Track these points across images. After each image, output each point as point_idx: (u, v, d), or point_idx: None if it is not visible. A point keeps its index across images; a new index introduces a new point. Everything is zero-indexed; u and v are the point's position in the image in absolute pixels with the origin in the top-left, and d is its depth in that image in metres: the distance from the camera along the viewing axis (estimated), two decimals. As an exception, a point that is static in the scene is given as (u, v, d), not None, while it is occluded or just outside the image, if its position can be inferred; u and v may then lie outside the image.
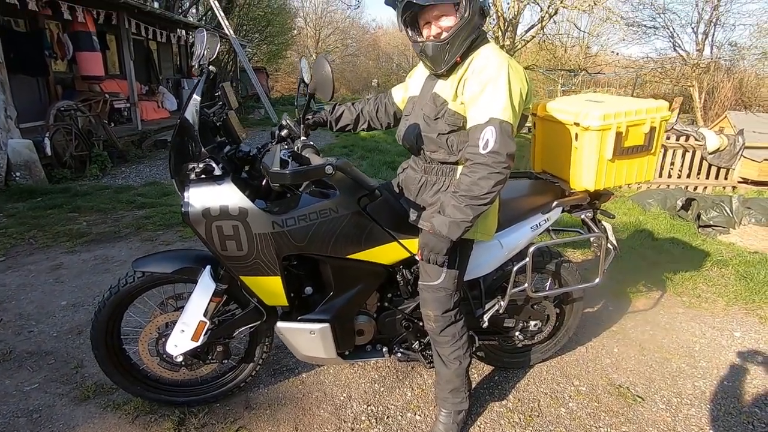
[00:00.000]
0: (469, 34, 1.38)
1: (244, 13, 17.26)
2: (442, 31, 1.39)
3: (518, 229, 1.76)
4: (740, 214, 4.72)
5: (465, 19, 1.35)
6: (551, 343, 2.17)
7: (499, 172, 1.32)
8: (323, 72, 1.35)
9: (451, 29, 1.38)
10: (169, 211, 4.42)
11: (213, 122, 1.52)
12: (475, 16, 1.37)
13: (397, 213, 1.65)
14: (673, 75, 14.85)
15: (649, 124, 1.64)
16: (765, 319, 2.86)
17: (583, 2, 10.26)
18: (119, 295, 1.64)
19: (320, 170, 1.25)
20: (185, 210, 1.39)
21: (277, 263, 1.46)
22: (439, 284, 1.58)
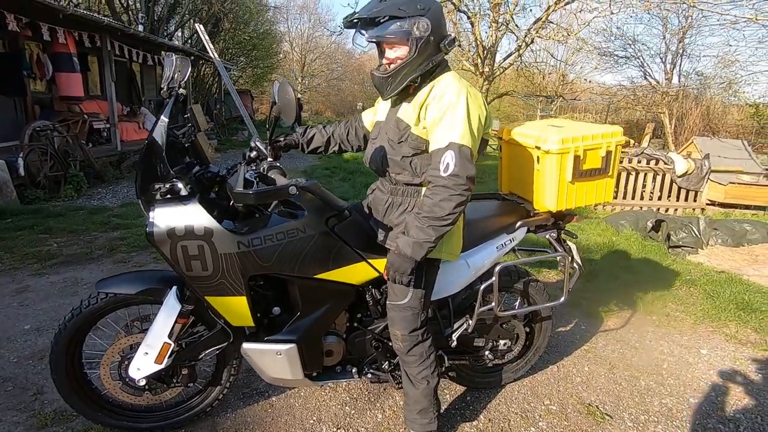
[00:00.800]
0: (416, 68, 1.45)
1: (230, 37, 17.50)
2: (390, 63, 1.47)
3: (484, 248, 1.80)
4: (707, 234, 4.89)
5: (411, 57, 1.42)
6: (522, 362, 2.19)
7: (460, 194, 1.36)
8: (287, 97, 1.40)
9: (396, 63, 1.45)
10: (144, 232, 4.35)
11: (182, 143, 1.54)
12: (426, 52, 1.43)
13: (365, 233, 1.67)
14: (645, 102, 15.52)
15: (605, 148, 1.72)
16: (730, 336, 2.94)
17: (558, 33, 10.74)
18: (81, 317, 1.61)
19: (284, 191, 1.27)
20: (150, 230, 1.40)
21: (243, 283, 1.46)
22: (406, 303, 1.60)
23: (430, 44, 1.44)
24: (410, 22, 1.40)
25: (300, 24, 33.54)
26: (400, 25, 1.41)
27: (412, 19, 1.40)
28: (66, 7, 6.20)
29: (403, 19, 1.40)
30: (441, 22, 1.45)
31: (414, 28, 1.41)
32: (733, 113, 16.56)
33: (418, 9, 1.40)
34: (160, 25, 13.69)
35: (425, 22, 1.41)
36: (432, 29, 1.42)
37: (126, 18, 13.47)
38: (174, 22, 15.38)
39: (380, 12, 1.41)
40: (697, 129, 14.42)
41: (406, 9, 1.40)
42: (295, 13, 32.39)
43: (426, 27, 1.41)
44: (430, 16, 1.41)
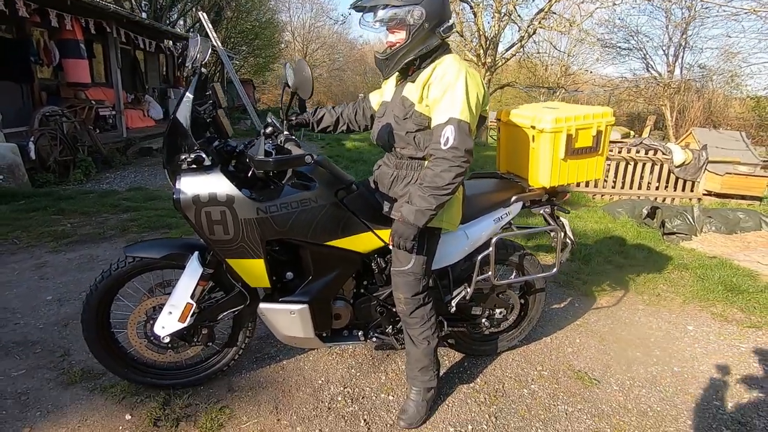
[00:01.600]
0: (411, 52, 1.58)
1: (232, 26, 17.52)
2: (390, 46, 1.61)
3: (482, 221, 1.93)
4: (701, 222, 5.02)
5: (406, 42, 1.56)
6: (517, 332, 2.33)
7: (459, 165, 1.49)
8: (304, 73, 1.53)
9: (395, 46, 1.58)
10: (154, 214, 4.50)
11: (203, 119, 1.66)
12: (420, 37, 1.56)
13: (372, 205, 1.81)
14: (647, 94, 15.56)
15: (596, 128, 1.85)
16: (716, 315, 3.08)
17: (560, 24, 10.77)
18: (111, 279, 1.75)
19: (300, 159, 1.40)
20: (177, 197, 1.53)
21: (261, 247, 1.60)
22: (409, 269, 1.73)
23: (425, 30, 1.56)
24: (405, 10, 1.53)
25: (302, 13, 33.51)
26: (396, 13, 1.54)
27: (406, 7, 1.53)
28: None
29: (399, 7, 1.53)
30: (437, 10, 1.56)
31: (408, 16, 1.54)
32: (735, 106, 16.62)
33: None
34: (162, 12, 13.74)
35: (419, 11, 1.53)
36: (426, 17, 1.54)
37: (129, 5, 13.50)
38: (176, 10, 15.40)
39: (378, 0, 1.54)
40: (698, 121, 14.49)
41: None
42: (297, 2, 32.28)
43: (420, 15, 1.53)
44: (424, 5, 1.53)
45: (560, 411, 1.99)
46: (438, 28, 1.57)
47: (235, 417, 1.84)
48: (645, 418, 1.99)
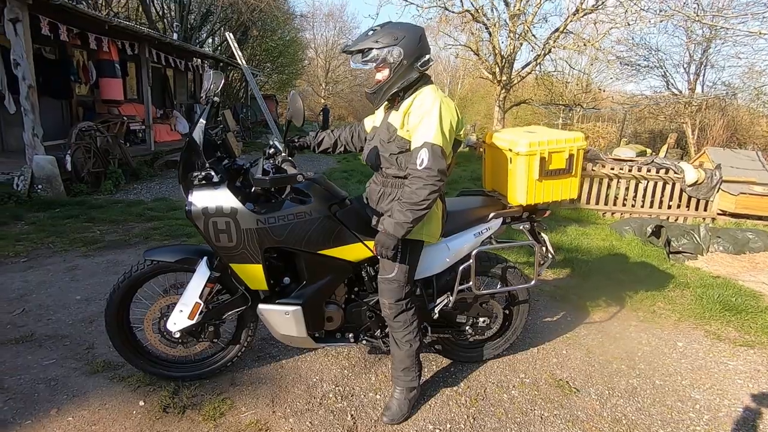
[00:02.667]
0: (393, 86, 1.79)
1: (258, 44, 18.29)
2: (377, 82, 1.82)
3: (463, 235, 2.11)
4: (708, 241, 5.02)
5: (389, 78, 1.78)
6: (501, 340, 2.47)
7: (432, 183, 1.69)
8: (296, 105, 1.77)
9: (380, 82, 1.81)
10: (175, 223, 4.82)
11: (214, 141, 1.91)
12: (400, 73, 1.77)
13: (362, 218, 2.01)
14: (668, 112, 15.39)
15: (568, 152, 2.01)
16: (710, 332, 3.13)
17: (576, 44, 10.89)
18: (131, 279, 2.00)
19: (293, 178, 1.63)
20: (188, 208, 1.77)
21: (260, 253, 1.82)
22: (393, 277, 1.92)
23: (404, 67, 1.78)
24: (385, 51, 1.76)
25: (326, 31, 34.50)
26: (377, 54, 1.77)
27: (386, 49, 1.75)
28: (111, 19, 6.81)
29: (379, 49, 1.76)
30: (414, 47, 1.77)
31: (388, 55, 1.76)
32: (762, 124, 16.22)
33: (393, 40, 1.75)
34: (192, 33, 14.51)
35: (398, 50, 1.75)
36: (404, 55, 1.76)
37: (161, 26, 14.33)
38: (206, 30, 16.22)
39: (363, 45, 1.78)
40: (721, 140, 14.22)
41: (383, 41, 1.76)
42: (321, 20, 33.38)
43: (399, 54, 1.76)
44: (402, 45, 1.75)
45: (536, 415, 2.12)
46: (416, 63, 1.79)
47: (235, 407, 2.04)
48: (618, 425, 2.09)
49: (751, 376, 2.62)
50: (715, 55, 14.65)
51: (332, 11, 34.77)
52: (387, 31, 1.76)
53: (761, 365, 2.74)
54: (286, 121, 1.92)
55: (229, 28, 15.15)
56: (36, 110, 5.73)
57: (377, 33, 1.76)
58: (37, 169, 5.57)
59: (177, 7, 13.87)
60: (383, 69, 1.79)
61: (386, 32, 1.76)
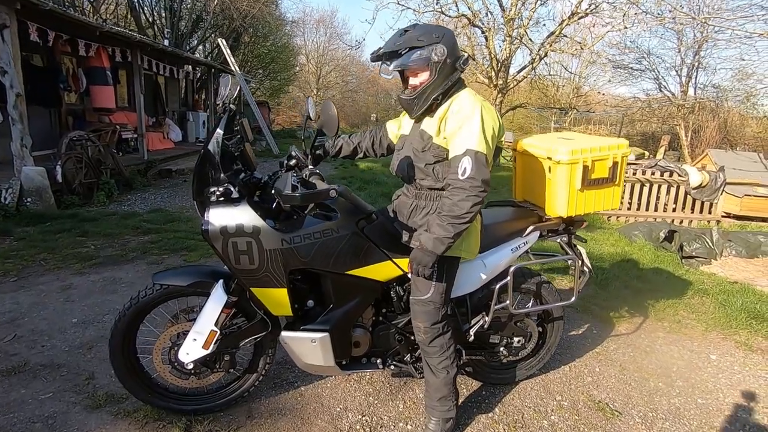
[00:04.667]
0: (437, 88, 1.64)
1: (249, 51, 18.09)
2: (415, 87, 1.66)
3: (500, 250, 1.96)
4: (721, 246, 4.94)
5: (432, 80, 1.63)
6: (535, 360, 2.32)
7: (476, 195, 1.53)
8: (330, 113, 1.60)
9: (420, 86, 1.64)
10: (174, 236, 4.60)
11: (231, 152, 1.74)
12: (444, 73, 1.63)
13: (391, 234, 1.85)
14: (660, 114, 15.50)
15: (612, 159, 1.88)
16: (740, 343, 3.01)
17: (571, 47, 10.89)
18: (139, 305, 1.81)
19: (325, 193, 1.46)
20: (205, 228, 1.59)
21: (285, 276, 1.65)
22: (428, 298, 1.76)
23: (447, 66, 1.63)
24: (428, 49, 1.61)
25: (316, 37, 34.37)
26: (420, 53, 1.61)
27: (429, 47, 1.60)
28: (103, 25, 6.60)
29: (422, 48, 1.61)
30: (454, 45, 1.64)
31: (432, 54, 1.61)
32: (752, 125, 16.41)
33: (434, 38, 1.61)
34: (183, 39, 14.26)
35: (441, 48, 1.60)
36: (448, 53, 1.61)
37: (151, 33, 14.07)
38: (197, 36, 15.99)
39: (402, 45, 1.62)
40: (714, 141, 14.33)
41: (424, 39, 1.60)
42: (312, 26, 33.24)
43: (443, 52, 1.61)
44: (445, 42, 1.61)
45: (581, 444, 1.96)
46: (457, 62, 1.65)
47: (255, 444, 1.86)
48: (669, 453, 1.94)
49: (793, 390, 2.50)
50: (707, 57, 14.79)
51: (323, 17, 34.51)
52: (423, 30, 1.62)
53: (800, 378, 2.62)
54: (316, 130, 1.75)
55: (220, 34, 14.92)
56: (24, 119, 5.48)
57: (412, 33, 1.61)
58: (26, 181, 5.32)
59: (167, 13, 13.64)
60: (421, 72, 1.64)
61: (422, 31, 1.61)
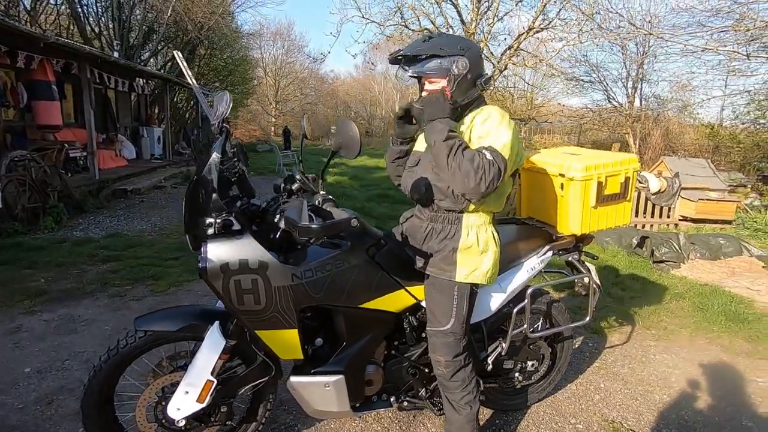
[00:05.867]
0: (460, 98, 1.55)
1: (205, 63, 17.48)
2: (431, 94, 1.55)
3: (516, 271, 1.86)
4: (687, 249, 5.16)
5: (454, 86, 1.53)
6: (545, 382, 2.24)
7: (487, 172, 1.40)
8: (351, 133, 1.45)
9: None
10: (136, 263, 4.22)
11: (227, 178, 1.55)
12: (463, 87, 1.54)
13: (403, 261, 1.71)
14: (610, 123, 16.38)
15: (624, 175, 1.85)
16: (725, 347, 3.10)
17: (530, 60, 11.31)
18: (118, 357, 1.56)
19: (346, 223, 1.30)
20: (203, 265, 1.38)
21: (295, 315, 1.46)
22: (449, 329, 1.63)
23: (467, 81, 1.54)
24: (450, 60, 1.51)
25: (273, 50, 33.95)
26: (441, 62, 1.52)
27: (451, 57, 1.51)
28: (48, 35, 6.08)
29: (443, 57, 1.51)
30: (479, 62, 1.55)
31: (453, 66, 1.51)
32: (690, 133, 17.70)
33: (458, 49, 1.51)
34: (134, 51, 13.55)
35: (464, 62, 1.51)
36: (470, 68, 1.52)
37: (98, 44, 13.27)
38: (149, 48, 15.26)
39: (423, 50, 1.51)
40: (660, 148, 15.29)
41: (447, 49, 1.50)
42: (269, 39, 32.80)
43: (464, 66, 1.51)
44: (469, 56, 1.51)
45: (606, 470, 1.88)
46: (479, 79, 1.55)
47: (260, 506, 1.64)
48: (692, 472, 1.90)
49: (785, 392, 2.56)
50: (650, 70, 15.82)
51: (280, 30, 34.12)
52: (447, 40, 1.52)
53: (787, 379, 2.71)
54: (331, 152, 1.59)
55: (174, 46, 14.33)
56: (-44, 139, 4.90)
57: (437, 40, 1.52)
58: (-41, 208, 4.73)
59: (116, 24, 12.92)
60: (439, 80, 1.53)
61: (447, 41, 1.52)
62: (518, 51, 11.42)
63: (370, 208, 7.31)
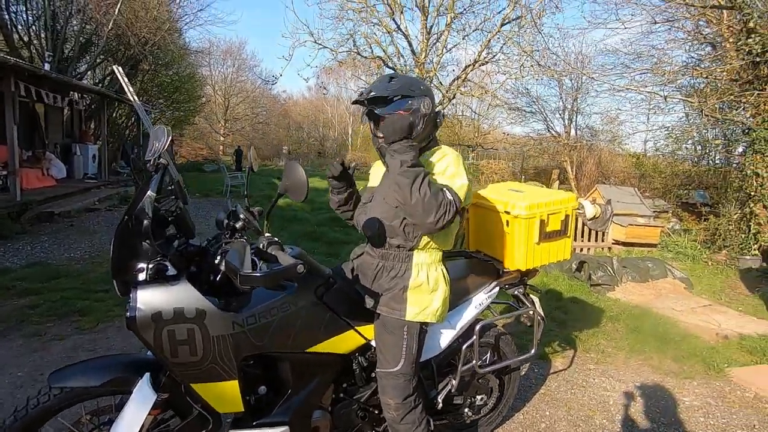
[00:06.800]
0: (422, 141, 1.59)
1: (149, 79, 16.75)
2: None
3: (465, 308, 1.88)
4: (620, 273, 5.52)
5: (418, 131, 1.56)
6: (494, 414, 2.25)
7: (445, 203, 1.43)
8: (298, 176, 1.41)
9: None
10: (60, 297, 3.84)
11: (163, 216, 1.44)
12: (429, 126, 1.58)
13: (352, 300, 1.67)
14: (550, 151, 17.50)
15: (564, 213, 1.94)
16: (656, 368, 3.31)
17: (476, 91, 11.89)
18: (27, 419, 1.37)
19: (293, 271, 1.24)
20: (132, 315, 1.26)
21: (235, 366, 1.37)
22: (399, 370, 1.60)
23: (431, 119, 1.57)
24: (419, 100, 1.54)
25: (223, 68, 33.25)
26: (411, 103, 1.53)
27: (420, 98, 1.53)
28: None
29: (413, 98, 1.53)
30: (434, 101, 1.60)
31: (422, 105, 1.54)
32: (619, 162, 19.31)
33: (422, 90, 1.55)
34: (69, 64, 12.70)
35: (429, 101, 1.54)
36: (432, 106, 1.56)
37: (26, 54, 12.32)
38: (85, 61, 14.37)
39: (395, 91, 1.53)
40: (594, 175, 16.52)
41: (414, 89, 1.54)
42: (219, 57, 32.11)
43: (429, 105, 1.55)
44: (430, 96, 1.56)
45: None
46: (438, 117, 1.59)
47: None
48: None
49: (707, 411, 2.75)
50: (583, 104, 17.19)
51: (230, 48, 33.52)
52: (409, 80, 1.56)
53: (709, 398, 2.92)
54: (278, 194, 1.53)
55: (115, 60, 13.60)
56: None
57: (400, 80, 1.55)
58: None
59: (49, 34, 12.08)
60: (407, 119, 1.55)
61: (410, 81, 1.56)
62: (465, 81, 11.98)
63: (322, 232, 7.19)
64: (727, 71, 6.47)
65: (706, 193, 11.25)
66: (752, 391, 3.00)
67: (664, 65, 6.41)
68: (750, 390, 3.02)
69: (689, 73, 6.70)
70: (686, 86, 9.61)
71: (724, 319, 4.45)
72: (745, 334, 3.97)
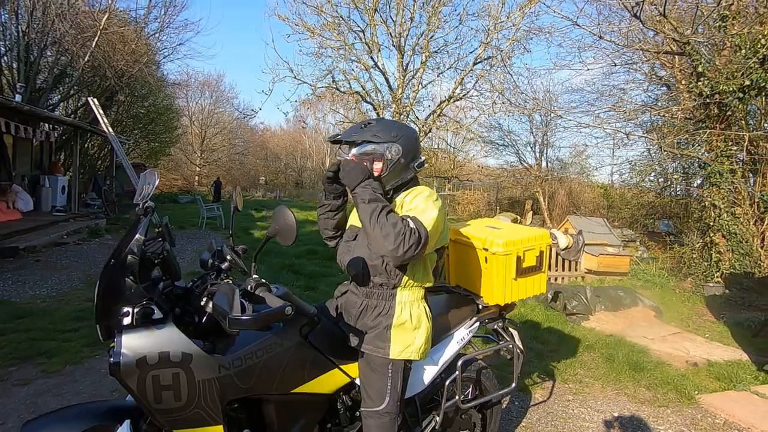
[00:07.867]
0: (388, 183, 1.66)
1: (124, 110, 16.62)
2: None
3: (447, 344, 1.92)
4: (594, 302, 5.68)
5: (383, 175, 1.65)
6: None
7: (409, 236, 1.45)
8: (287, 221, 1.45)
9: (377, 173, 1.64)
10: (25, 337, 3.66)
11: (149, 259, 1.45)
12: (396, 171, 1.66)
13: (337, 338, 1.69)
14: (523, 182, 18.09)
15: (539, 249, 2.04)
16: (631, 396, 3.39)
17: (451, 125, 12.34)
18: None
19: (281, 314, 1.26)
20: (116, 360, 1.25)
21: (220, 410, 1.36)
22: (383, 409, 1.61)
23: (400, 165, 1.66)
24: (383, 147, 1.62)
25: (201, 99, 33.36)
26: (375, 148, 1.62)
27: (385, 144, 1.62)
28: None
29: (377, 144, 1.62)
30: (414, 146, 1.68)
31: (387, 152, 1.62)
32: (588, 192, 20.13)
33: (391, 136, 1.63)
34: (42, 94, 12.51)
35: (397, 148, 1.63)
36: (403, 153, 1.64)
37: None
38: (59, 92, 14.18)
39: (358, 137, 1.62)
40: (565, 205, 17.13)
41: (382, 135, 1.63)
42: (196, 89, 32.26)
43: (397, 151, 1.63)
44: (402, 142, 1.64)
45: None
46: (413, 163, 1.68)
47: None
48: None
49: (683, 441, 2.83)
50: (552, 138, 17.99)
51: (208, 80, 33.77)
52: (384, 126, 1.65)
53: (683, 425, 3.01)
54: (266, 237, 1.56)
55: (90, 92, 13.48)
56: None
57: (373, 127, 1.64)
58: None
59: (23, 65, 11.93)
60: (377, 162, 1.64)
61: (383, 127, 1.64)
62: (441, 116, 12.41)
63: (300, 265, 7.14)
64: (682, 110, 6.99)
65: (670, 223, 11.81)
66: (722, 417, 3.11)
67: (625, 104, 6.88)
68: (719, 416, 3.12)
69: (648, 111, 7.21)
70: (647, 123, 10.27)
71: (693, 346, 4.61)
72: (713, 361, 4.13)
